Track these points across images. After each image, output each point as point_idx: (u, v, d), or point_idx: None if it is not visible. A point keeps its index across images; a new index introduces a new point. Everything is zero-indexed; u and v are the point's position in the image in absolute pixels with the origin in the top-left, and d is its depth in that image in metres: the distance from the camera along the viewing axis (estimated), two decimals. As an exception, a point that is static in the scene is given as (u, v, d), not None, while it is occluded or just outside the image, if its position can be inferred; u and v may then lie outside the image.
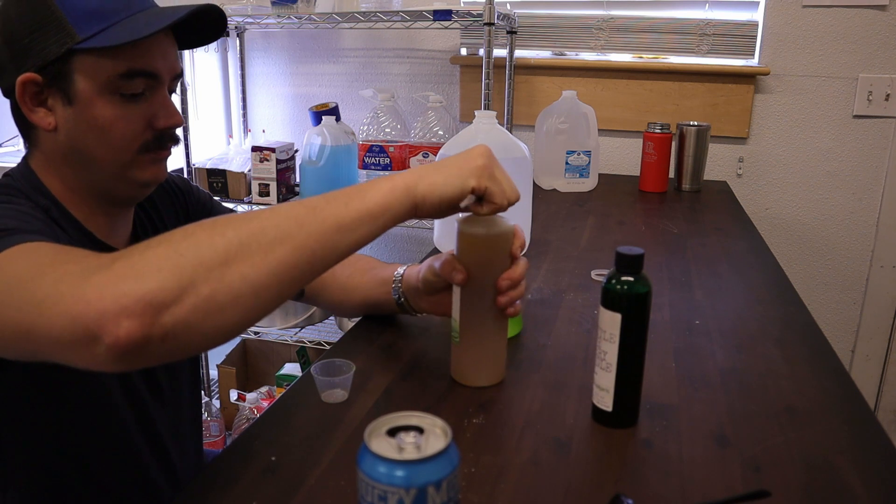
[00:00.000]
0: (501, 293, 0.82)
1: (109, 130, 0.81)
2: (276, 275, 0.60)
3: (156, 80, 0.83)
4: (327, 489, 0.67)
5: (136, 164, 0.84)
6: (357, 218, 0.66)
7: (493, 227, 0.81)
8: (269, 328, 2.05)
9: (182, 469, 0.97)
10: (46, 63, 0.77)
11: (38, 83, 0.78)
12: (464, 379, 0.87)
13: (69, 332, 0.55)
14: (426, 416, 0.52)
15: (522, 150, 1.27)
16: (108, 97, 0.80)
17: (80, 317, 0.54)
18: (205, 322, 0.57)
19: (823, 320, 2.15)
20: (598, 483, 0.69)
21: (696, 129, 1.90)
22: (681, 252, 1.40)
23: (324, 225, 0.64)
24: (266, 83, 2.41)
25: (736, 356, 0.95)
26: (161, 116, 0.84)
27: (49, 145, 0.82)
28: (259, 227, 0.61)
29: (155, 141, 0.85)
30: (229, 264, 0.58)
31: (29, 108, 0.80)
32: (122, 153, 0.83)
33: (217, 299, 0.57)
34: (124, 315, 0.53)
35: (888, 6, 1.91)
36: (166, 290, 0.55)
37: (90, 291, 0.55)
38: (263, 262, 0.59)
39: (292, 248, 0.61)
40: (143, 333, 0.54)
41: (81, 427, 0.83)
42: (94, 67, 0.78)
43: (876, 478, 0.69)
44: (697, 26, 2.05)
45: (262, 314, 0.61)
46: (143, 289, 0.54)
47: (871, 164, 2.04)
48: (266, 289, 0.60)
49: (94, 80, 0.79)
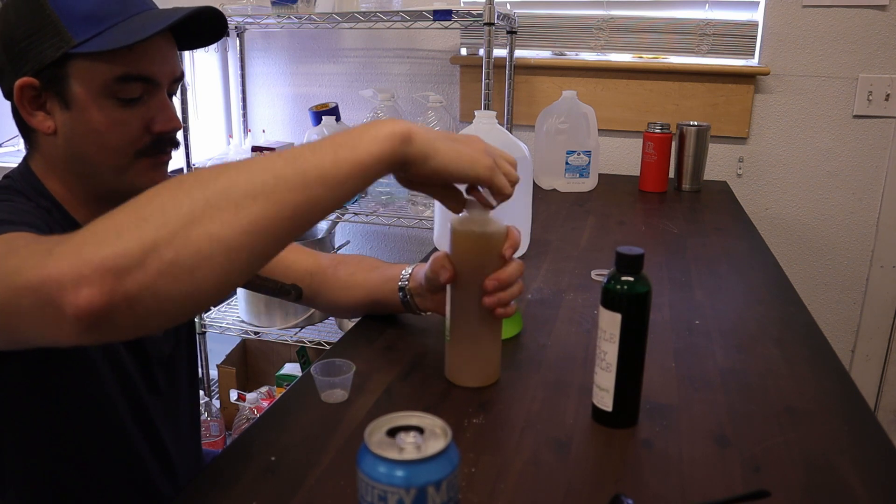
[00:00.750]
0: (488, 294, 0.81)
1: (106, 135, 0.80)
2: (250, 233, 0.56)
3: (153, 84, 0.82)
4: (327, 489, 0.67)
5: (133, 168, 0.83)
6: (346, 171, 0.60)
7: (486, 227, 0.81)
8: (269, 328, 2.05)
9: (181, 468, 0.97)
10: (43, 67, 0.77)
11: (35, 87, 0.78)
12: (455, 379, 0.87)
13: (32, 303, 0.53)
14: (426, 416, 0.52)
15: (522, 150, 1.27)
16: (105, 101, 0.79)
17: (41, 286, 0.52)
18: (173, 287, 0.53)
19: (823, 320, 2.15)
20: (598, 483, 0.69)
21: (696, 129, 1.90)
22: (681, 252, 1.40)
23: (305, 177, 0.58)
24: (266, 83, 2.41)
25: (736, 356, 0.95)
26: (159, 121, 0.83)
27: (49, 148, 0.82)
28: (229, 182, 0.56)
29: (153, 145, 0.84)
30: (195, 224, 0.54)
31: (28, 111, 0.80)
32: (120, 158, 0.82)
33: (183, 262, 0.53)
34: (83, 282, 0.51)
35: (888, 6, 1.91)
36: (127, 254, 0.52)
37: (51, 262, 0.53)
38: (234, 220, 0.55)
39: (267, 203, 0.56)
40: (104, 301, 0.51)
41: (77, 424, 0.83)
42: (90, 72, 0.78)
43: (876, 478, 0.69)
44: (697, 26, 2.05)
45: (240, 276, 0.57)
46: (101, 254, 0.52)
47: (871, 164, 2.04)
48: (239, 249, 0.55)
49: (90, 85, 0.78)
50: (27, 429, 0.80)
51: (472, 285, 0.82)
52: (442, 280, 0.83)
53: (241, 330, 2.09)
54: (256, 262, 0.58)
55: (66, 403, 0.81)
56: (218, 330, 2.13)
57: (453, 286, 0.83)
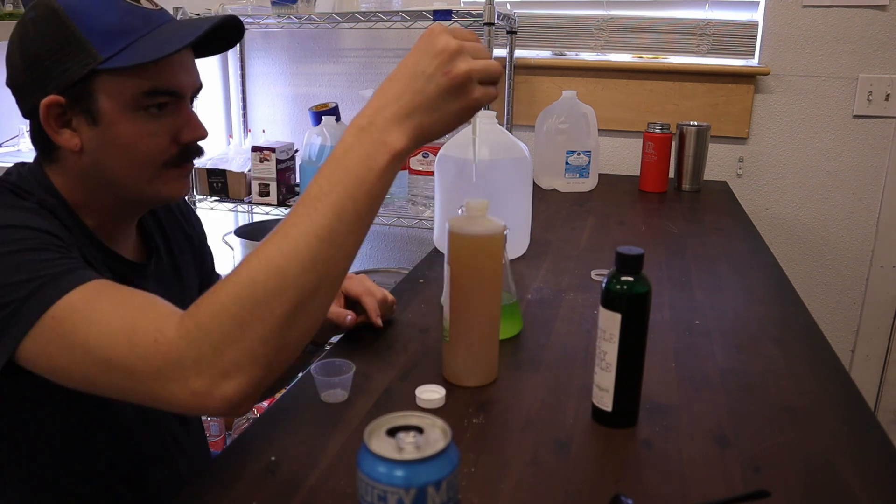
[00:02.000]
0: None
1: (135, 148, 0.80)
2: (330, 276, 0.65)
3: (178, 96, 0.82)
4: (327, 489, 0.67)
5: (160, 179, 0.84)
6: (379, 194, 0.66)
7: (483, 228, 0.81)
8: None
9: (188, 475, 0.97)
10: (69, 84, 0.77)
11: (61, 105, 0.78)
12: (454, 378, 0.87)
13: (186, 409, 0.63)
14: (426, 416, 0.52)
15: (522, 150, 1.27)
16: (133, 115, 0.79)
17: (197, 408, 0.63)
18: (288, 359, 0.65)
19: (823, 320, 2.15)
20: (598, 483, 0.69)
21: (696, 129, 1.90)
22: (681, 252, 1.40)
23: (356, 218, 0.64)
24: (266, 83, 2.41)
25: (736, 356, 0.95)
26: (185, 130, 0.83)
27: (72, 164, 0.82)
28: (304, 281, 0.62)
29: (180, 155, 0.84)
30: (290, 326, 0.63)
31: (54, 130, 0.79)
32: (148, 169, 0.82)
33: (291, 349, 0.65)
34: (233, 408, 0.63)
35: (888, 6, 1.91)
36: (256, 380, 0.63)
37: (196, 394, 0.62)
38: (317, 309, 0.65)
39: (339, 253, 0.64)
40: (249, 399, 0.63)
41: (86, 427, 0.83)
42: (118, 87, 0.78)
43: (876, 478, 0.69)
44: (697, 26, 2.05)
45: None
46: (239, 390, 0.62)
47: (871, 164, 2.04)
48: (332, 281, 0.65)
49: (118, 99, 0.78)
50: (34, 432, 0.80)
51: (470, 286, 0.82)
52: (347, 323, 0.96)
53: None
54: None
55: (75, 408, 0.81)
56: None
57: (452, 287, 0.83)
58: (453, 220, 0.82)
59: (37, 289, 0.65)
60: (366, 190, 0.64)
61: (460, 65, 0.65)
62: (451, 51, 0.65)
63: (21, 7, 2.07)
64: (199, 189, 2.04)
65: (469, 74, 0.65)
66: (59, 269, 0.67)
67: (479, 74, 0.66)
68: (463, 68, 0.65)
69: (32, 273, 0.66)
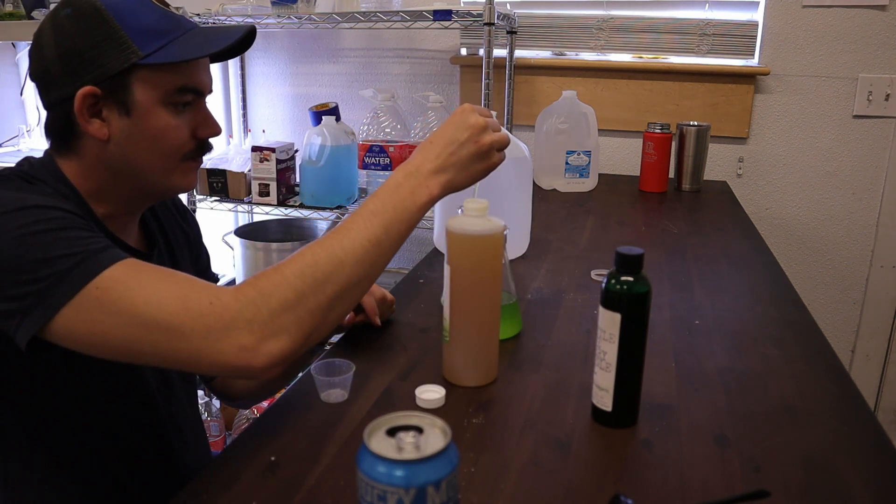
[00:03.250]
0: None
1: (163, 139, 0.86)
2: (361, 281, 0.78)
3: (200, 94, 0.89)
4: (327, 489, 0.67)
5: (179, 170, 0.90)
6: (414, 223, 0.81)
7: (483, 227, 0.81)
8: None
9: (194, 445, 1.02)
10: (107, 77, 0.81)
11: (96, 95, 0.82)
12: (455, 378, 0.87)
13: (227, 366, 0.72)
14: (426, 416, 0.52)
15: (522, 150, 1.27)
16: (163, 109, 0.85)
17: (240, 364, 0.71)
18: (322, 334, 0.78)
19: (823, 320, 2.15)
20: (598, 483, 0.69)
21: (696, 129, 1.90)
22: (681, 252, 1.40)
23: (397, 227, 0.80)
24: (266, 83, 2.41)
25: (736, 356, 0.95)
26: (203, 126, 0.90)
27: (94, 154, 0.85)
28: (346, 273, 0.76)
29: (197, 149, 0.91)
30: (334, 307, 0.76)
31: (85, 119, 0.82)
32: (169, 160, 0.88)
33: (328, 326, 0.77)
34: (272, 366, 0.72)
35: (888, 6, 1.91)
36: (297, 345, 0.73)
37: (244, 349, 0.70)
38: (353, 286, 0.77)
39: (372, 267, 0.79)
40: (285, 361, 0.73)
41: (111, 397, 0.88)
42: (154, 81, 0.83)
43: (876, 478, 0.69)
44: (697, 26, 2.05)
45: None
46: (283, 349, 0.72)
47: (871, 164, 2.04)
48: (357, 288, 0.78)
49: (153, 93, 0.84)
50: (44, 414, 0.83)
51: (470, 286, 0.83)
52: (346, 322, 1.00)
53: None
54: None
55: (101, 380, 0.85)
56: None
57: (452, 287, 0.83)
58: (453, 220, 0.82)
59: (79, 262, 0.70)
60: (407, 217, 0.80)
61: (486, 137, 0.84)
62: (480, 126, 0.83)
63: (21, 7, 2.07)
64: (199, 189, 2.04)
65: (492, 145, 0.84)
66: (96, 245, 0.72)
67: (498, 144, 0.85)
68: (488, 140, 0.84)
69: (72, 249, 0.71)
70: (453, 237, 0.82)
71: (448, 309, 0.84)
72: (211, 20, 1.93)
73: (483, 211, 0.82)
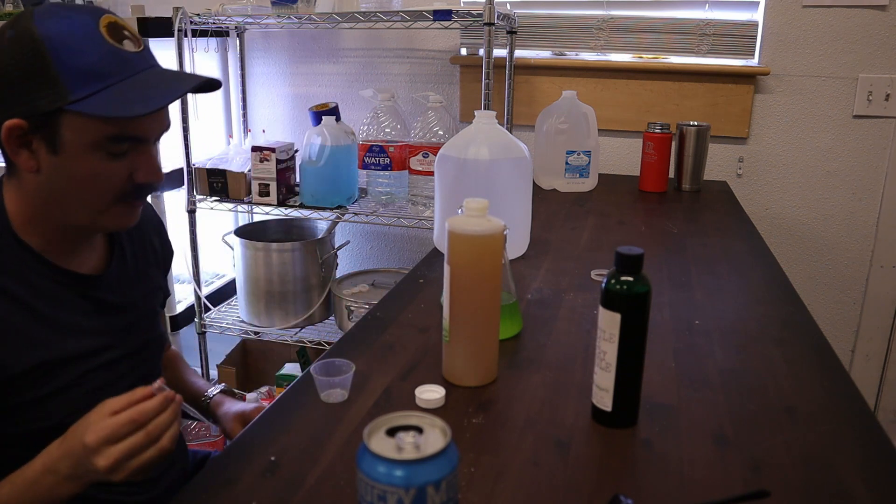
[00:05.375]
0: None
1: (90, 183, 0.82)
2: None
3: (143, 142, 0.83)
4: (327, 489, 0.67)
5: (109, 212, 0.85)
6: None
7: (483, 228, 0.81)
8: (268, 328, 2.05)
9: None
10: (34, 114, 0.77)
11: (23, 128, 0.78)
12: (454, 378, 0.87)
13: None
14: (426, 416, 0.52)
15: (522, 150, 1.27)
16: (93, 153, 0.80)
17: None
18: None
19: (823, 320, 2.15)
20: (598, 483, 0.69)
21: (696, 129, 1.89)
22: (681, 252, 1.40)
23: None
24: (266, 83, 2.41)
25: (736, 356, 0.95)
26: (142, 172, 0.84)
27: (29, 181, 0.83)
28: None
29: (132, 192, 0.85)
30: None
31: (12, 150, 0.80)
32: (99, 203, 0.84)
33: None
34: None
35: (888, 6, 1.91)
36: None
37: None
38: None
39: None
40: None
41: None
42: (83, 126, 0.78)
43: (876, 478, 0.69)
44: (697, 26, 2.05)
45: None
46: None
47: (871, 164, 2.04)
48: None
49: (82, 138, 0.79)
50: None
51: (469, 286, 0.83)
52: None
53: (241, 330, 2.09)
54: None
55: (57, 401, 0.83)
56: (218, 330, 2.13)
57: (452, 287, 0.83)
58: (453, 219, 0.82)
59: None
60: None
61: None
62: (92, 449, 0.71)
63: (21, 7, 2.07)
64: (199, 189, 2.04)
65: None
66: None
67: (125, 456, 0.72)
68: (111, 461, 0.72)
69: None
70: (453, 237, 0.82)
71: (448, 309, 0.84)
72: (211, 20, 1.93)
73: (483, 211, 0.82)
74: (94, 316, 0.90)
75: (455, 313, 0.84)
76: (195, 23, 1.92)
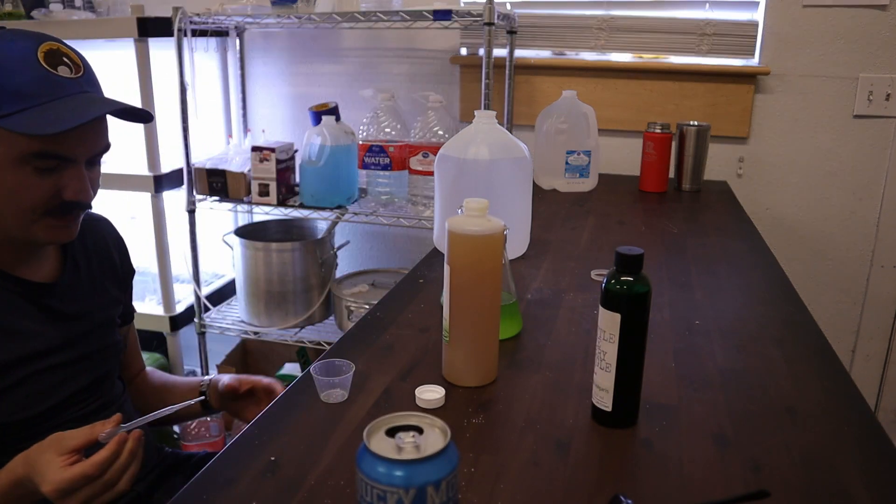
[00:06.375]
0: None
1: (15, 195, 0.84)
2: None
3: (69, 161, 0.85)
4: (327, 489, 0.67)
5: (38, 225, 0.87)
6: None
7: (483, 227, 0.81)
8: (268, 328, 2.05)
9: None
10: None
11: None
12: (454, 378, 0.87)
13: None
14: (426, 416, 0.52)
15: (522, 150, 1.27)
16: (19, 167, 0.83)
17: None
18: None
19: (823, 320, 2.15)
20: (597, 483, 0.69)
21: (696, 129, 1.90)
22: (681, 252, 1.40)
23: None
24: (266, 83, 2.41)
25: (736, 356, 0.95)
26: (70, 191, 0.86)
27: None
28: None
29: (60, 208, 0.87)
30: None
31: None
32: (25, 215, 0.86)
33: None
34: None
35: (888, 6, 1.91)
36: None
37: None
38: None
39: None
40: None
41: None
42: (8, 141, 0.81)
43: (876, 478, 0.69)
44: (697, 26, 2.05)
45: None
46: None
47: (871, 164, 2.03)
48: None
49: (7, 152, 0.81)
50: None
51: (469, 286, 0.82)
52: (242, 389, 1.11)
53: (241, 330, 2.09)
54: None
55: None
56: (217, 330, 2.13)
57: (452, 287, 0.83)
58: (453, 220, 0.82)
59: None
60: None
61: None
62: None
63: (20, 7, 2.07)
64: (198, 189, 2.04)
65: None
66: None
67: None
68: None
69: None
70: (453, 237, 0.82)
71: (448, 309, 0.84)
72: (211, 20, 1.93)
73: (483, 211, 0.82)
74: (43, 321, 0.94)
75: (455, 313, 0.84)
76: (195, 22, 1.92)
